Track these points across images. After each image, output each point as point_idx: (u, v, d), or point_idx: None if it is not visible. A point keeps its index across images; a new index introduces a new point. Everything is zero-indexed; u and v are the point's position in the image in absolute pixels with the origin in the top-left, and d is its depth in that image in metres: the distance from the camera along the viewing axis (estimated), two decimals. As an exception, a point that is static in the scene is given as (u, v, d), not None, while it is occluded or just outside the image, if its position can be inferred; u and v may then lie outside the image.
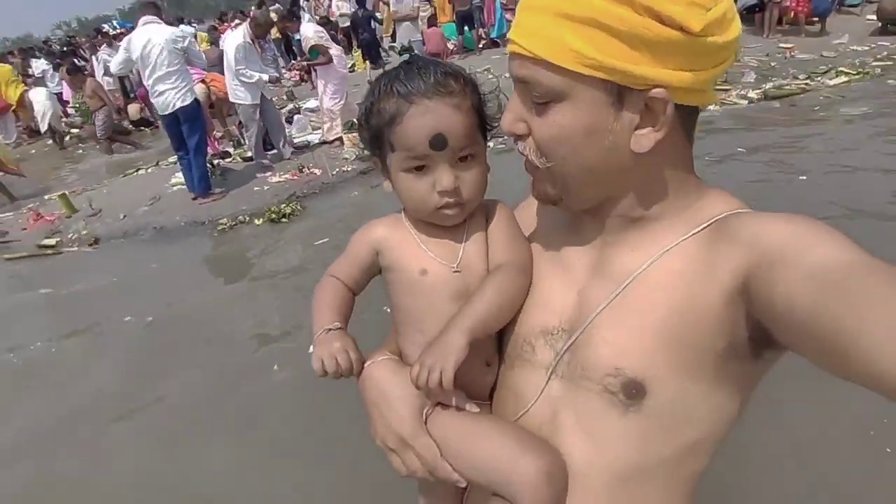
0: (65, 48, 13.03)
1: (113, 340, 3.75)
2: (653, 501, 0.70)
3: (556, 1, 0.62)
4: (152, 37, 5.23)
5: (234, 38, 6.07)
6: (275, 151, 6.81)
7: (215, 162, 6.72)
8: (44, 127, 10.32)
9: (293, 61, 10.84)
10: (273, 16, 7.73)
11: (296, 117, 8.03)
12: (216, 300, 4.17)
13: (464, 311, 0.75)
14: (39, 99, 10.07)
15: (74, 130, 11.06)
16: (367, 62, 11.21)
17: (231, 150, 7.45)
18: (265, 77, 6.26)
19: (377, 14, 13.07)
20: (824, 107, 6.25)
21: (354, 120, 7.06)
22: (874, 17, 9.00)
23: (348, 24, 12.51)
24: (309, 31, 6.77)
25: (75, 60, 11.10)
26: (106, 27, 14.84)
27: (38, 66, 12.38)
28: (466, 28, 12.48)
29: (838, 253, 0.55)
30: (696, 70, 0.62)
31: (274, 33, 12.39)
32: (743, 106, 6.62)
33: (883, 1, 8.68)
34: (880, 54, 7.71)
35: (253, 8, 8.37)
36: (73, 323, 4.06)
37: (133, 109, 10.97)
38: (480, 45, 12.47)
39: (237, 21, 7.08)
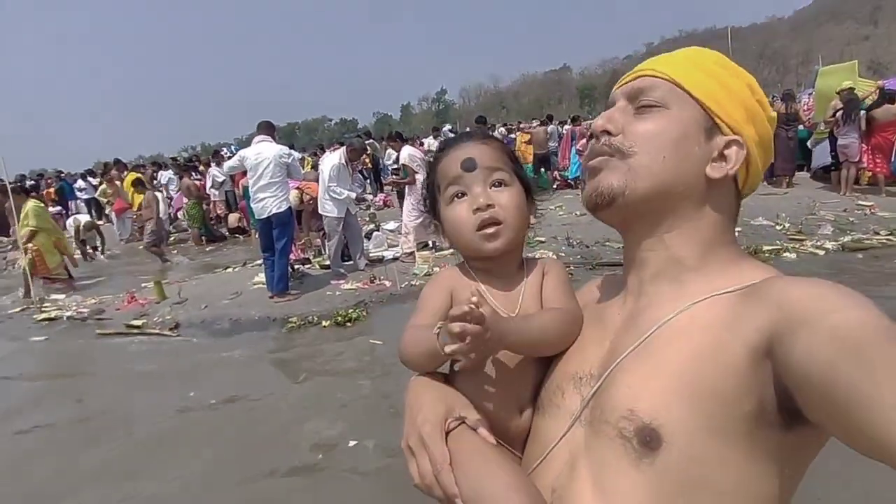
0: (186, 163, 14.95)
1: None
2: None
3: (693, 54, 0.79)
4: (263, 151, 6.03)
5: (331, 159, 6.84)
6: (351, 262, 7.27)
7: (296, 266, 7.24)
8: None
9: (391, 177, 11.89)
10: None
11: (374, 234, 8.62)
12: (269, 385, 4.33)
13: (514, 320, 0.81)
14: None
15: (175, 234, 12.41)
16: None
17: (311, 257, 8.03)
18: (353, 195, 6.93)
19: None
20: (908, 262, 6.03)
21: (429, 242, 7.65)
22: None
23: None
24: (404, 153, 7.60)
25: (192, 173, 12.66)
26: (224, 150, 17.08)
27: (165, 175, 14.25)
28: (543, 170, 13.32)
29: (860, 317, 0.55)
30: (758, 146, 0.77)
31: (367, 162, 13.80)
32: (820, 255, 6.49)
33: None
34: (969, 218, 7.43)
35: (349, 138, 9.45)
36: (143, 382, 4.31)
37: (232, 218, 12.21)
38: (555, 186, 13.17)
39: (335, 146, 7.98)
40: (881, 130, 8.86)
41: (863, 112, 8.93)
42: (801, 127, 10.49)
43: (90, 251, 11.07)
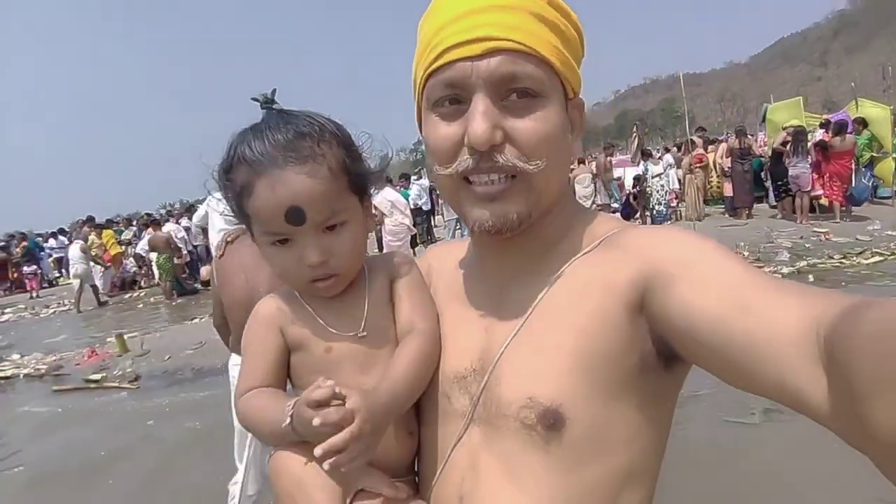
0: (152, 218, 14.72)
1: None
2: None
3: (526, 2, 0.63)
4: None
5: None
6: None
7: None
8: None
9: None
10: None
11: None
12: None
13: (383, 386, 0.68)
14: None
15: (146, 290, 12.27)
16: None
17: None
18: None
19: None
20: (851, 281, 6.26)
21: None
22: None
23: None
24: (378, 196, 7.46)
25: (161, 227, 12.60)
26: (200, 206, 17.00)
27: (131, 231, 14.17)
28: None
29: (728, 265, 0.56)
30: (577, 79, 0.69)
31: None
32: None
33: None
34: (916, 239, 7.72)
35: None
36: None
37: (204, 271, 12.03)
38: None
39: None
40: (838, 158, 9.23)
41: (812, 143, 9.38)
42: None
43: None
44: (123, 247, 13.30)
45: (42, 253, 16.47)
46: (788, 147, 9.47)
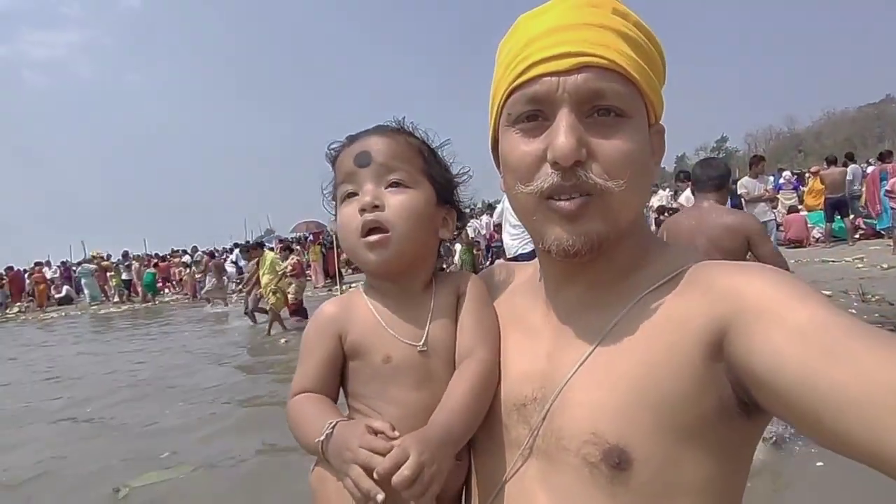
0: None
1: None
2: None
3: (615, 21, 0.63)
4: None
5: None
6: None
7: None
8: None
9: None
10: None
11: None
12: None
13: (434, 429, 0.66)
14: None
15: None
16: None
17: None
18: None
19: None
20: None
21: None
22: None
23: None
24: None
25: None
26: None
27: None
28: (839, 216, 11.24)
29: (821, 313, 0.51)
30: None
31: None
32: None
33: None
34: None
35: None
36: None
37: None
38: (857, 235, 10.98)
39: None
40: None
41: None
42: None
43: None
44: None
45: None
46: None
